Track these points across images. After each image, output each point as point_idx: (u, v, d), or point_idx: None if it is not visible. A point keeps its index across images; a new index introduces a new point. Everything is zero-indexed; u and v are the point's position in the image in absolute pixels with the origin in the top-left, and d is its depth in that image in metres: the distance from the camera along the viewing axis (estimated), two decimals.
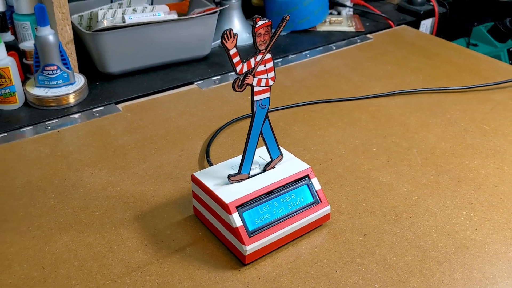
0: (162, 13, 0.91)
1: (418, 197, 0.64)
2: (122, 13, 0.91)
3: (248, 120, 0.78)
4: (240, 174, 0.55)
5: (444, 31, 1.30)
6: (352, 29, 1.14)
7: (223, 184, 0.55)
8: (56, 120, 0.77)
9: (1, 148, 0.71)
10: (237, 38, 0.49)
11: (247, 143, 0.54)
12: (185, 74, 0.92)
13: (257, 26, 0.49)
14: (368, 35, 1.12)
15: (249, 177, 0.56)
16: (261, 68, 0.51)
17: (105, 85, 0.88)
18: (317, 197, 0.58)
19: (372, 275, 0.53)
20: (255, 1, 1.22)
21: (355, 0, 1.23)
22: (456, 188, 0.65)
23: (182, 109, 0.82)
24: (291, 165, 0.58)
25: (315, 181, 0.58)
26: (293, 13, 1.09)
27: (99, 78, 0.90)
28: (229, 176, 0.55)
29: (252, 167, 0.57)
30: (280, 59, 1.00)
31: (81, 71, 0.89)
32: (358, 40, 1.10)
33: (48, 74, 0.79)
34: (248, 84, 0.51)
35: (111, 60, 0.87)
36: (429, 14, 1.23)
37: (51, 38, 0.77)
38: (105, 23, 0.88)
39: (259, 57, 0.51)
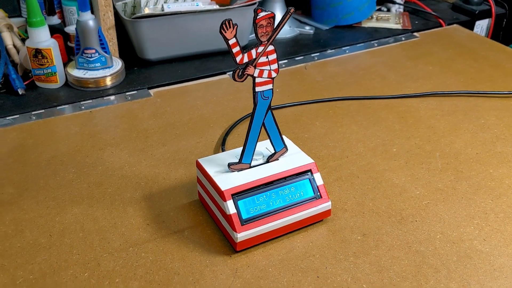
0: (201, 3, 0.93)
1: (429, 201, 0.62)
2: (164, 2, 0.94)
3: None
4: (241, 164, 0.56)
5: (502, 33, 1.23)
6: (398, 26, 1.10)
7: (224, 171, 0.56)
8: (90, 101, 0.82)
9: (36, 124, 0.76)
10: (236, 28, 0.49)
11: (248, 133, 0.55)
12: (219, 64, 0.94)
13: (258, 17, 0.49)
14: (415, 34, 1.09)
15: (250, 167, 0.57)
16: (263, 59, 0.52)
17: (142, 70, 0.92)
18: (318, 192, 0.57)
19: (362, 275, 0.52)
20: None
21: None
22: (473, 196, 0.63)
23: (209, 98, 0.84)
24: (295, 159, 0.58)
25: (317, 176, 0.58)
26: (337, 8, 1.08)
27: (138, 64, 0.94)
28: (229, 164, 0.56)
29: (255, 157, 0.58)
30: (318, 54, 1.00)
31: (121, 56, 0.93)
32: (403, 38, 1.06)
33: (87, 57, 0.84)
34: (249, 75, 0.52)
35: (148, 47, 0.91)
36: (486, 14, 1.17)
37: (91, 23, 0.82)
38: (146, 11, 0.92)
39: (260, 49, 0.51)
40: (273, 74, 0.53)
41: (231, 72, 0.51)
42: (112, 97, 0.83)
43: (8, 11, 0.94)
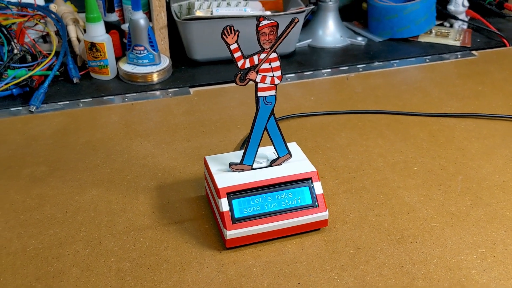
0: (249, 9, 0.96)
1: (436, 224, 0.60)
2: (217, 6, 0.98)
3: (300, 119, 0.80)
4: (242, 165, 0.58)
5: None
6: (457, 43, 1.06)
7: (226, 170, 0.58)
8: (134, 94, 0.88)
9: (81, 111, 0.83)
10: (238, 34, 0.51)
11: (250, 136, 0.57)
12: None
13: (260, 25, 0.51)
14: (474, 52, 1.04)
15: (252, 169, 0.59)
16: (265, 66, 0.53)
17: (188, 70, 0.96)
18: (316, 201, 0.58)
19: None
20: (364, 5, 1.20)
21: (472, 14, 1.14)
22: (485, 225, 0.59)
23: (243, 100, 0.86)
24: (298, 165, 0.59)
25: (317, 185, 0.58)
26: (392, 21, 1.05)
27: (186, 63, 0.98)
28: (230, 164, 0.58)
29: (259, 160, 0.60)
30: (364, 65, 0.99)
31: (172, 55, 0.99)
32: (459, 56, 1.02)
33: (136, 53, 0.90)
34: (250, 80, 0.53)
35: (196, 48, 0.95)
36: None
37: (141, 21, 0.88)
38: (198, 13, 0.96)
39: (263, 55, 0.53)
40: (276, 81, 0.54)
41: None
42: (155, 92, 0.89)
43: (78, 7, 1.03)
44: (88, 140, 0.75)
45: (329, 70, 0.97)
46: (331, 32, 1.07)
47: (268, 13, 0.99)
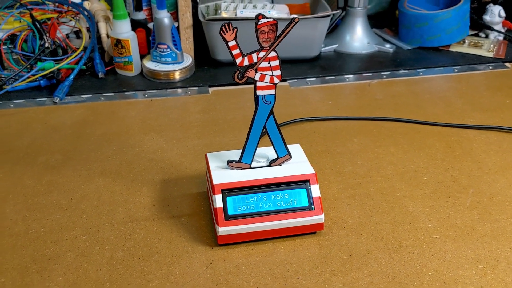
0: (274, 11, 0.96)
1: (438, 236, 0.57)
2: (243, 7, 0.99)
3: (314, 123, 0.80)
4: (240, 163, 0.58)
5: None
6: (490, 54, 1.02)
7: (225, 168, 0.59)
8: (155, 91, 0.90)
9: (102, 104, 0.86)
10: (236, 31, 0.52)
11: (248, 135, 0.57)
12: (283, 72, 0.96)
13: (259, 23, 0.51)
14: (507, 64, 0.99)
15: (250, 168, 0.59)
16: (264, 64, 0.53)
17: (210, 70, 0.97)
18: (312, 204, 0.57)
19: None
20: (397, 13, 1.18)
21: (509, 25, 1.09)
22: (491, 240, 0.57)
23: None
24: (297, 167, 0.59)
25: (315, 188, 0.57)
26: (422, 29, 1.03)
27: (209, 63, 1.00)
28: (228, 162, 0.58)
29: (259, 160, 0.59)
30: (388, 72, 0.96)
31: (197, 55, 1.00)
32: (490, 67, 0.98)
33: (160, 51, 0.92)
34: (249, 77, 0.53)
35: (219, 48, 0.96)
36: None
37: (166, 20, 0.89)
38: (223, 15, 0.98)
39: (262, 54, 0.53)
40: (276, 80, 0.54)
41: (294, 80, 0.53)
42: (175, 90, 0.90)
43: (112, 5, 1.07)
44: (103, 133, 0.78)
45: (351, 75, 0.96)
46: (358, 38, 1.05)
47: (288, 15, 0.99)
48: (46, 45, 0.94)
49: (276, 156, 0.59)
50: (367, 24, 1.06)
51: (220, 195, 0.56)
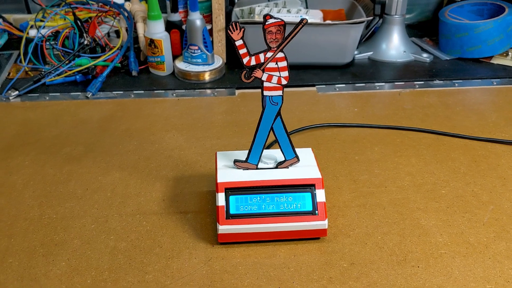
0: (308, 16, 0.96)
1: (447, 252, 0.55)
2: (277, 12, 0.99)
3: (336, 129, 0.79)
4: (247, 163, 0.58)
5: None
6: None
7: (232, 167, 0.59)
8: (183, 91, 0.91)
9: (131, 101, 0.88)
10: (244, 31, 0.52)
11: (255, 135, 0.57)
12: (312, 77, 0.95)
13: (266, 23, 0.51)
14: None
15: (257, 169, 0.58)
16: (272, 65, 0.53)
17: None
18: (316, 209, 0.56)
19: None
20: None
21: None
22: (504, 260, 0.53)
23: (284, 105, 0.86)
24: (303, 170, 0.58)
25: (320, 193, 0.56)
26: (462, 39, 0.99)
27: (241, 66, 1.00)
28: (234, 161, 0.58)
29: (266, 161, 0.59)
30: (422, 82, 0.93)
31: (230, 58, 1.01)
32: None
33: (191, 52, 0.94)
34: (256, 77, 0.53)
35: (250, 51, 0.97)
36: None
37: (197, 22, 0.91)
38: (256, 18, 0.98)
39: (269, 54, 0.52)
40: (283, 81, 0.54)
41: (322, 86, 0.53)
42: (203, 91, 0.92)
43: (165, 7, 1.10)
44: (127, 128, 0.80)
45: (383, 84, 0.93)
46: (394, 46, 1.03)
47: (321, 21, 0.98)
48: (85, 42, 0.98)
49: (284, 159, 0.58)
50: (404, 32, 1.04)
51: (223, 194, 0.56)
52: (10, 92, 0.89)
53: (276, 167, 0.59)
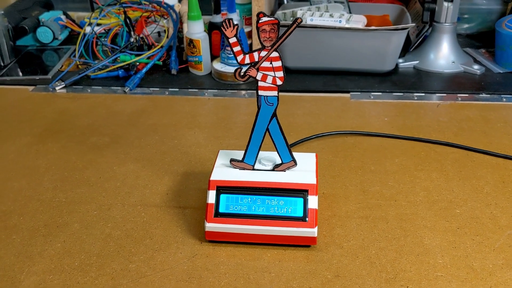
0: (349, 23, 0.93)
1: (444, 275, 0.50)
2: (319, 16, 0.97)
3: (360, 137, 0.77)
4: (243, 163, 0.57)
5: None
6: None
7: (229, 166, 0.58)
8: (216, 90, 0.92)
9: (163, 98, 0.91)
10: (237, 28, 0.51)
11: (251, 135, 0.56)
12: (347, 84, 0.92)
13: (259, 22, 0.50)
14: None
15: (253, 169, 0.58)
16: (266, 64, 0.52)
17: None
18: (307, 216, 0.54)
19: None
20: None
21: None
22: None
23: (312, 110, 0.84)
24: (299, 175, 0.56)
25: (312, 199, 0.54)
26: None
27: None
28: (231, 160, 0.58)
29: (264, 163, 0.58)
30: (466, 95, 0.87)
31: None
32: None
33: (227, 53, 0.94)
34: (251, 76, 0.53)
35: (287, 55, 0.96)
36: None
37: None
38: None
39: (263, 53, 0.51)
40: (278, 82, 0.53)
41: (357, 93, 0.53)
42: (234, 91, 0.92)
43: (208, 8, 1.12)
44: (154, 123, 0.82)
45: (422, 94, 0.88)
46: (443, 56, 0.97)
47: (360, 26, 0.95)
48: (132, 40, 1.02)
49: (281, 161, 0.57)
50: (455, 41, 0.97)
51: (214, 191, 0.56)
52: (57, 83, 0.95)
53: (273, 170, 0.58)
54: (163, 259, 0.54)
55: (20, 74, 1.03)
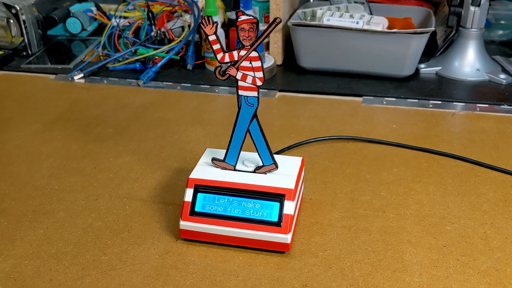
0: (364, 22, 0.89)
1: None
2: (339, 16, 0.95)
3: (361, 144, 0.75)
4: (224, 163, 0.56)
5: None
6: None
7: (211, 165, 0.58)
8: (226, 88, 0.92)
9: (174, 92, 0.91)
10: (216, 26, 0.50)
11: (232, 135, 0.55)
12: (362, 87, 0.89)
13: (238, 20, 0.49)
14: None
15: (234, 170, 0.57)
16: (246, 63, 0.51)
17: (291, 75, 0.96)
18: (281, 221, 0.52)
19: None
20: None
21: None
22: None
23: (319, 113, 0.82)
24: (278, 179, 0.55)
25: (288, 205, 0.53)
26: None
27: (295, 69, 0.98)
28: (212, 159, 0.57)
29: (247, 164, 0.57)
30: (486, 105, 0.82)
31: (288, 60, 0.99)
32: None
33: None
34: (231, 75, 0.52)
35: (302, 55, 0.94)
36: None
37: None
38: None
39: (243, 52, 0.50)
40: (258, 82, 0.51)
41: (370, 98, 0.52)
42: None
43: (227, 5, 1.12)
44: (159, 117, 0.83)
45: (438, 102, 0.84)
46: (468, 63, 0.92)
47: (380, 28, 0.91)
48: (152, 33, 1.03)
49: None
50: (482, 48, 0.92)
51: (192, 190, 0.55)
52: (76, 73, 0.98)
53: (254, 172, 0.56)
54: (135, 254, 0.54)
55: (48, 63, 1.06)
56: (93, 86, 0.95)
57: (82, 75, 0.98)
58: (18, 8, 1.05)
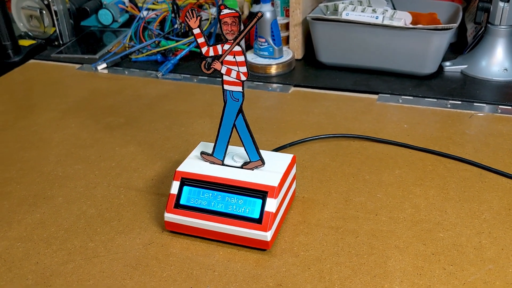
0: (386, 17, 0.86)
1: None
2: (362, 11, 0.92)
3: (366, 143, 0.73)
4: (212, 157, 0.56)
5: None
6: None
7: (201, 159, 0.58)
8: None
9: (189, 85, 0.92)
10: (200, 19, 0.50)
11: (219, 130, 0.55)
12: (380, 84, 0.86)
13: (221, 14, 0.48)
14: None
15: (222, 164, 0.56)
16: (229, 58, 0.50)
17: (310, 70, 0.94)
18: (262, 218, 0.52)
19: None
20: None
21: None
22: None
23: (330, 110, 0.80)
24: (263, 176, 0.54)
25: (270, 202, 0.52)
26: None
27: (314, 64, 0.96)
28: (201, 153, 0.57)
29: (236, 159, 0.57)
30: (509, 107, 0.77)
31: (309, 55, 0.98)
32: None
33: (259, 44, 0.93)
34: (215, 69, 0.51)
35: (321, 50, 0.92)
36: None
37: (268, 14, 0.90)
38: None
39: (226, 46, 0.49)
40: (242, 77, 0.51)
41: (386, 95, 0.51)
42: (259, 84, 0.90)
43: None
44: (170, 109, 0.84)
45: (458, 102, 0.80)
46: (495, 62, 0.86)
47: (401, 24, 0.87)
48: (175, 26, 1.04)
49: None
50: (511, 47, 0.86)
51: (178, 182, 0.56)
52: (100, 64, 1.01)
53: (241, 167, 0.56)
54: (120, 243, 0.56)
55: (78, 52, 1.10)
56: (114, 76, 0.97)
57: (105, 65, 1.00)
58: (50, 0, 1.09)
